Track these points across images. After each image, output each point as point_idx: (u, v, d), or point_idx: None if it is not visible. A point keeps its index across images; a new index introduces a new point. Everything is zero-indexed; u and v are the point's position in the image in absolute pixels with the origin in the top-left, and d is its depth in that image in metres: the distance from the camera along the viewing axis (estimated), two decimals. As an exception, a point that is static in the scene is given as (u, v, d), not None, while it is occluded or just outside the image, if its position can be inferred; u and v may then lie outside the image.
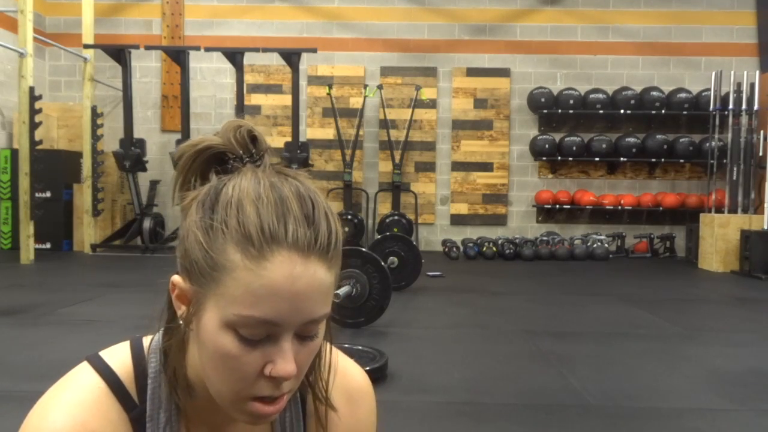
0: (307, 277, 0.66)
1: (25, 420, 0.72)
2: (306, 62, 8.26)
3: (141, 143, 7.71)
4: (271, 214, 0.65)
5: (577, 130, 8.47)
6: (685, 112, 8.20)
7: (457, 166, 8.60)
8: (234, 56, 7.48)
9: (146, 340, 0.78)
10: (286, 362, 0.67)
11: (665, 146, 8.20)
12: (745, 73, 7.29)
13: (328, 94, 8.16)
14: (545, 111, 8.33)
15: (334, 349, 0.82)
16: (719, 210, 7.23)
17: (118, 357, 0.76)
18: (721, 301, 5.15)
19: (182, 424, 0.77)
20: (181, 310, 0.72)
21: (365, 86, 8.32)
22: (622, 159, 8.31)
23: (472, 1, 8.58)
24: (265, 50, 7.48)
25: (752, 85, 7.18)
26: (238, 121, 0.74)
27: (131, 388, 0.74)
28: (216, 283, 0.66)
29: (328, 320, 0.74)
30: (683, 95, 8.19)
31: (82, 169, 7.78)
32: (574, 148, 8.24)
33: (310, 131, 8.57)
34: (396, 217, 7.91)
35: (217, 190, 0.68)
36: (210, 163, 0.72)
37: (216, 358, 0.68)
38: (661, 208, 8.29)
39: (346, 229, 7.72)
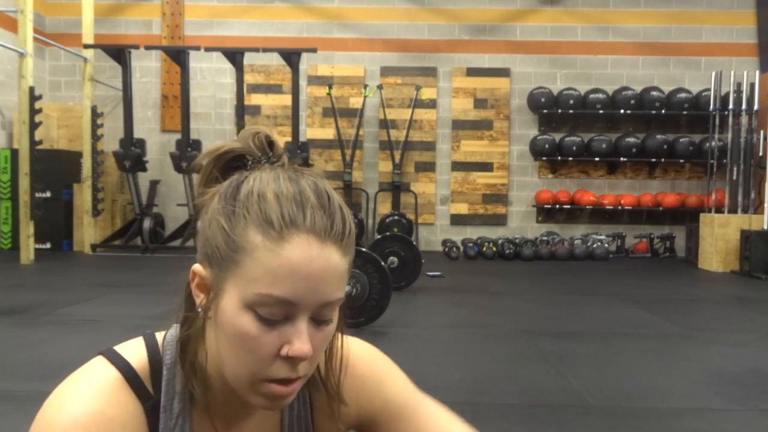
0: (324, 260, 0.70)
1: (41, 410, 0.73)
2: (306, 62, 8.26)
3: (141, 143, 7.71)
4: (290, 201, 0.70)
5: (577, 130, 8.47)
6: (685, 112, 8.20)
7: (457, 166, 8.60)
8: (234, 56, 7.48)
9: (159, 336, 0.80)
10: (302, 342, 0.70)
11: (665, 146, 8.20)
12: (745, 73, 7.29)
13: (328, 94, 8.15)
14: (545, 111, 8.33)
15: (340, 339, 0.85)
16: (719, 210, 7.23)
17: (133, 350, 0.78)
18: (721, 301, 5.15)
19: (195, 415, 0.79)
20: (200, 298, 0.75)
21: (365, 86, 8.32)
22: (622, 159, 8.31)
23: (472, 1, 8.58)
24: (265, 50, 7.48)
25: (752, 85, 7.17)
26: (256, 128, 0.79)
27: (146, 380, 0.76)
28: (236, 264, 0.70)
29: (341, 310, 0.77)
30: (683, 95, 8.19)
31: (82, 169, 7.78)
32: (574, 148, 8.24)
33: (310, 131, 8.57)
34: (396, 217, 7.91)
35: (238, 182, 0.73)
36: (230, 166, 0.77)
37: (235, 339, 0.71)
38: (661, 208, 8.29)
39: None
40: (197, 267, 0.75)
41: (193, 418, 0.78)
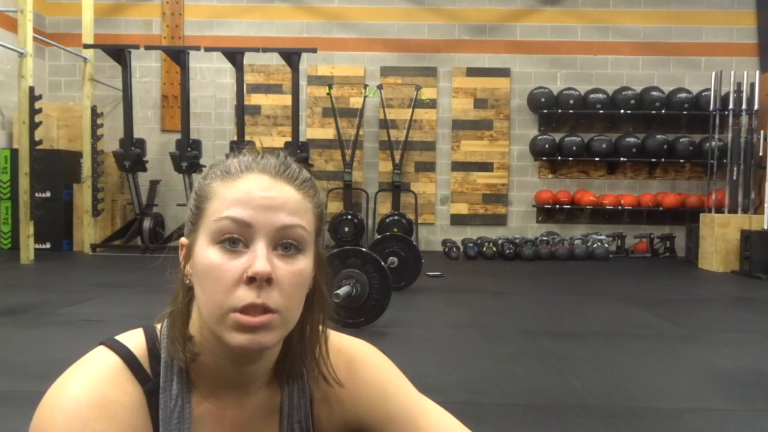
0: (276, 189, 0.78)
1: (45, 395, 0.76)
2: (306, 62, 8.26)
3: (141, 143, 7.71)
4: (247, 157, 0.82)
5: (577, 130, 8.46)
6: (685, 112, 8.20)
7: (457, 166, 8.60)
8: (234, 56, 7.47)
9: (158, 325, 0.85)
10: (260, 260, 0.75)
11: (665, 146, 8.20)
12: (745, 73, 7.29)
13: (328, 94, 8.15)
14: (545, 111, 8.32)
15: (331, 331, 0.90)
16: (719, 210, 7.22)
17: (133, 338, 0.83)
18: (721, 301, 5.15)
19: (194, 396, 0.82)
20: (183, 268, 0.83)
21: (365, 86, 8.32)
22: (622, 159, 8.31)
23: (472, 1, 8.57)
24: (265, 50, 7.47)
25: (752, 85, 7.17)
26: None
27: (145, 364, 0.80)
28: (203, 211, 0.80)
29: (318, 256, 0.83)
30: (683, 95, 8.19)
31: (82, 169, 7.78)
32: (574, 148, 8.24)
33: (310, 131, 8.57)
34: (396, 217, 7.91)
35: (210, 166, 0.85)
36: None
37: (203, 274, 0.77)
38: (661, 208, 8.29)
39: (346, 229, 7.71)
40: (182, 239, 0.83)
41: (191, 399, 0.82)
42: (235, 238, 0.76)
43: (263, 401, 0.86)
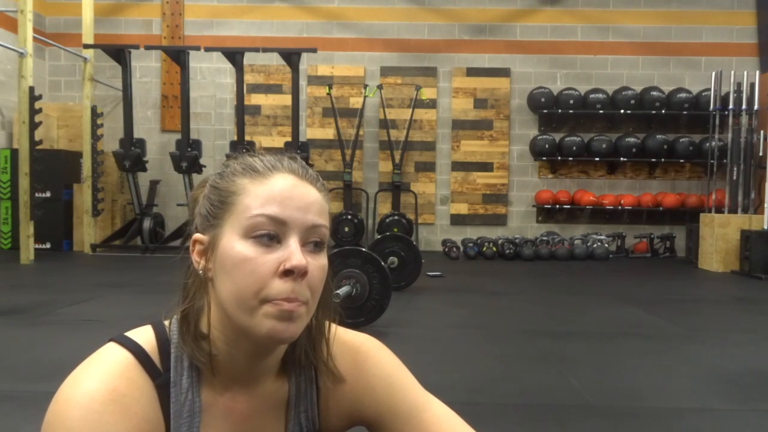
0: (303, 189, 0.82)
1: (58, 390, 0.77)
2: (306, 62, 8.26)
3: (141, 143, 7.71)
4: (269, 158, 0.84)
5: (577, 130, 8.47)
6: (685, 112, 8.20)
7: (457, 166, 8.60)
8: (234, 56, 7.47)
9: (166, 321, 0.86)
10: (298, 255, 0.78)
11: (665, 146, 8.20)
12: (745, 73, 7.29)
13: (328, 94, 8.15)
14: (545, 111, 8.33)
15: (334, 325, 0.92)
16: (719, 210, 7.22)
17: (142, 334, 0.84)
18: (721, 301, 5.15)
19: (204, 389, 0.84)
20: (200, 264, 0.83)
21: (365, 86, 8.32)
22: (622, 159, 8.31)
23: (472, 1, 8.57)
24: (265, 50, 7.47)
25: (752, 85, 7.17)
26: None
27: (156, 359, 0.81)
28: (230, 206, 0.81)
29: (330, 266, 0.85)
30: (683, 95, 8.19)
31: (82, 169, 7.78)
32: (574, 148, 8.24)
33: (310, 131, 8.57)
34: (396, 217, 7.91)
35: (225, 164, 0.87)
36: None
37: (235, 268, 0.78)
38: (661, 208, 8.29)
39: (346, 229, 7.71)
40: (196, 235, 0.84)
41: (202, 392, 0.83)
42: (272, 235, 0.79)
43: (272, 393, 0.88)
